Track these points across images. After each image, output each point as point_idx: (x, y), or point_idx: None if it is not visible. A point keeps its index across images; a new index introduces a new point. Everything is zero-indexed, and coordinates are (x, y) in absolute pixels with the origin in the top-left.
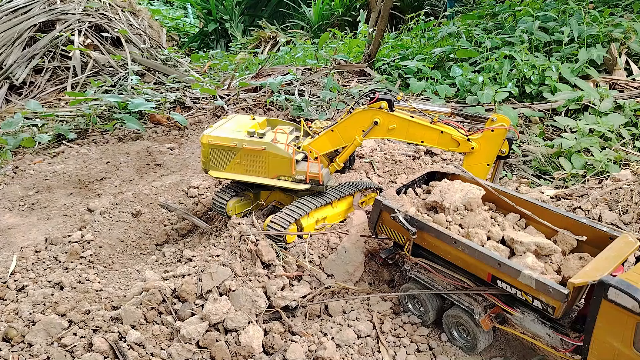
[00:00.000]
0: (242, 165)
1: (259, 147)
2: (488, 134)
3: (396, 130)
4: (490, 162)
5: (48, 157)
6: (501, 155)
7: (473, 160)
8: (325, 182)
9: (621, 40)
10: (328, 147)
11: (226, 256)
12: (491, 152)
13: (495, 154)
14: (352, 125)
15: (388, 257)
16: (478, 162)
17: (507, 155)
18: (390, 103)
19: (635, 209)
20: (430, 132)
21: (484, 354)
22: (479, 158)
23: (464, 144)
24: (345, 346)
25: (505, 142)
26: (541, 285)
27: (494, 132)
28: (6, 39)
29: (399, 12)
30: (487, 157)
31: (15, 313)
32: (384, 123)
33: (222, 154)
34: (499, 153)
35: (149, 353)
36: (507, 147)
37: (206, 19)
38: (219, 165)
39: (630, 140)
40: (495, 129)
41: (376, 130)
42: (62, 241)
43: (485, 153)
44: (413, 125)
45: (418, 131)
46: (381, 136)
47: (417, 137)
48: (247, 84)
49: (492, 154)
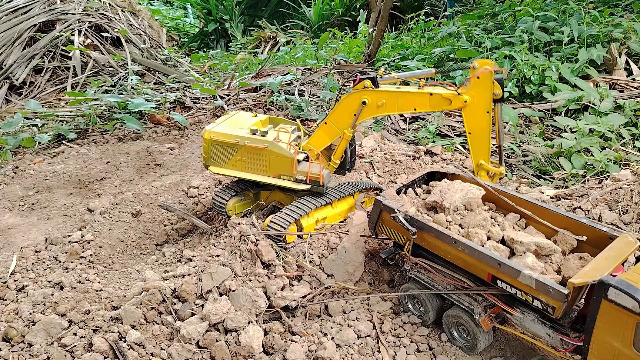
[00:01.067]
0: (243, 163)
1: (261, 145)
2: (475, 81)
3: (386, 104)
4: (488, 109)
5: (48, 157)
6: (497, 99)
7: (471, 112)
8: (325, 183)
9: (621, 40)
10: (326, 141)
11: (226, 256)
12: (485, 98)
13: (489, 99)
14: (343, 111)
15: (388, 257)
16: (477, 113)
17: (502, 97)
18: (373, 80)
19: (635, 209)
20: (420, 97)
21: (484, 354)
22: (476, 108)
23: (455, 100)
24: (345, 346)
25: (496, 83)
26: (541, 285)
27: (480, 79)
28: (6, 39)
29: (399, 12)
30: (484, 105)
31: (15, 313)
32: (373, 101)
33: (223, 150)
34: (493, 97)
35: (149, 353)
36: (500, 88)
37: (206, 19)
38: (220, 162)
39: (630, 140)
40: (480, 75)
41: (366, 110)
42: (62, 241)
43: (480, 101)
44: (401, 95)
45: (408, 100)
46: (373, 115)
47: (408, 105)
48: (247, 84)
49: (486, 100)
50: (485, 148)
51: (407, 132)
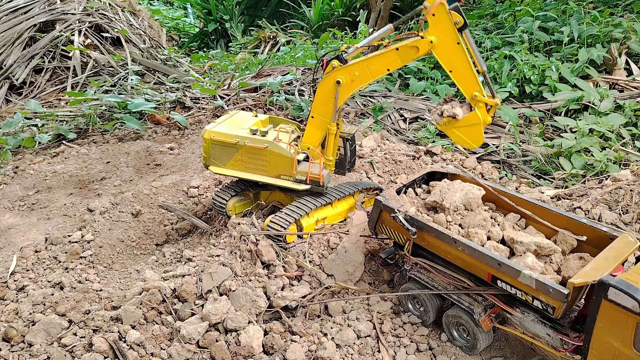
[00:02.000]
0: (243, 163)
1: (261, 146)
2: (432, 19)
3: (360, 76)
4: (457, 40)
5: (48, 157)
6: (460, 27)
7: (442, 50)
8: (325, 183)
9: (621, 40)
10: (318, 135)
11: (226, 256)
12: (448, 31)
13: (453, 30)
14: (322, 99)
15: (388, 257)
16: (447, 49)
17: (465, 23)
18: (339, 58)
19: (635, 209)
20: (388, 56)
21: (484, 354)
22: (444, 45)
23: (421, 44)
24: (345, 346)
25: (453, 12)
26: (541, 285)
27: (436, 15)
28: (6, 39)
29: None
30: (450, 38)
31: (15, 313)
32: (346, 77)
33: (223, 150)
34: (456, 26)
35: (149, 353)
36: (459, 16)
37: (206, 19)
38: (220, 162)
39: (630, 140)
40: (434, 10)
41: (343, 89)
42: (62, 241)
43: (446, 36)
44: (371, 61)
45: (378, 63)
46: (352, 90)
47: (380, 69)
48: (247, 84)
49: (450, 32)
50: (472, 79)
51: (407, 132)
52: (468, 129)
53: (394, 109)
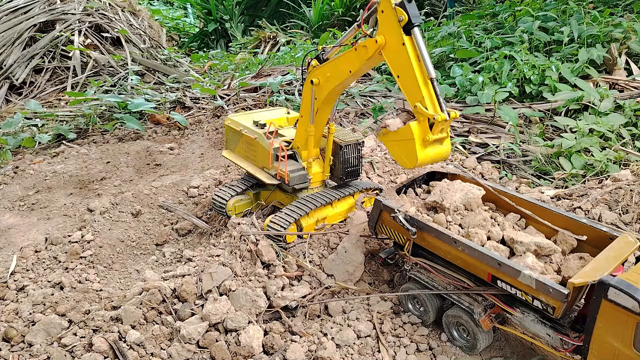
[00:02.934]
0: (243, 151)
1: (252, 136)
2: (381, 17)
3: (331, 76)
4: (401, 40)
5: (48, 157)
6: (405, 25)
7: (390, 52)
8: (291, 183)
9: (621, 40)
10: (305, 135)
11: (226, 256)
12: (393, 30)
13: (397, 29)
14: (305, 100)
15: (388, 257)
16: (394, 50)
17: (410, 21)
18: (318, 58)
19: (635, 209)
20: (349, 56)
21: (484, 354)
22: (392, 46)
23: (369, 44)
24: (345, 346)
25: (398, 8)
26: (541, 285)
27: (384, 12)
28: (6, 39)
29: None
30: (396, 38)
31: (15, 313)
32: (320, 77)
33: (233, 136)
34: (400, 24)
35: (149, 353)
36: (403, 12)
37: (206, 19)
38: (231, 148)
39: (630, 140)
40: (381, 7)
41: (318, 89)
42: (62, 241)
43: (392, 36)
44: (338, 62)
45: (342, 63)
46: (327, 90)
47: (344, 69)
48: (247, 84)
49: (395, 31)
50: (415, 87)
51: None
52: (402, 144)
53: (394, 109)
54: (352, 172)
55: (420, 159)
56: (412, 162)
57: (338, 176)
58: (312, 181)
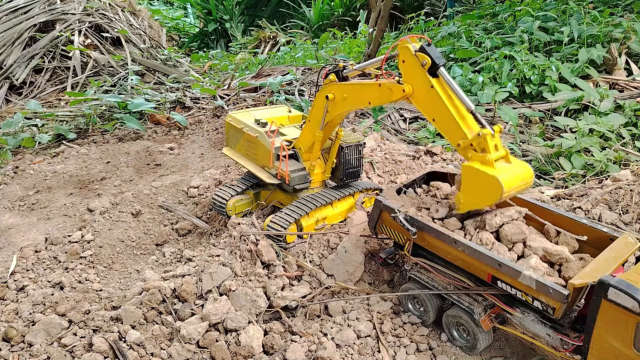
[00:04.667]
0: (244, 149)
1: (253, 134)
2: (402, 66)
3: (348, 98)
4: (429, 84)
5: (48, 157)
6: (429, 68)
7: (420, 98)
8: (292, 183)
9: (621, 40)
10: (309, 139)
11: (226, 256)
12: (419, 76)
13: (423, 75)
14: (316, 108)
15: (388, 257)
16: (424, 96)
17: (434, 63)
18: (337, 74)
19: (635, 209)
20: (371, 89)
21: (484, 354)
22: (421, 92)
23: (395, 88)
24: (345, 346)
25: (420, 54)
26: (541, 286)
27: (405, 61)
28: (6, 39)
29: (399, 12)
30: (423, 84)
31: (15, 313)
32: (337, 95)
33: (234, 134)
34: (424, 68)
35: (149, 353)
36: (426, 57)
37: (206, 19)
38: (232, 145)
39: (630, 140)
40: (401, 57)
41: (332, 105)
42: (62, 241)
43: (418, 83)
44: (359, 88)
45: (363, 92)
46: (341, 110)
47: (363, 99)
48: (247, 84)
49: (421, 77)
50: (453, 125)
51: (407, 132)
52: (476, 184)
53: (394, 109)
54: (353, 173)
55: (504, 182)
56: (497, 190)
57: (338, 177)
58: (313, 181)
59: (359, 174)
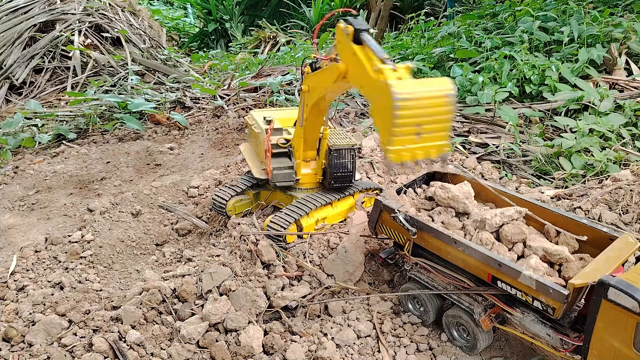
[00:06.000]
0: (254, 145)
1: (257, 131)
2: (337, 46)
3: (312, 87)
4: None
5: (48, 157)
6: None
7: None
8: (274, 180)
9: (621, 40)
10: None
11: (226, 256)
12: (345, 46)
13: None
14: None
15: (388, 257)
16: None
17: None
18: (311, 65)
19: (635, 209)
20: (325, 74)
21: (484, 354)
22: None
23: (333, 68)
24: (345, 346)
25: (344, 26)
26: (541, 286)
27: (340, 41)
28: (6, 39)
29: (399, 12)
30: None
31: (15, 313)
32: (310, 86)
33: (249, 131)
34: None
35: (149, 353)
36: (348, 26)
37: (206, 19)
38: (248, 141)
39: (630, 140)
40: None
41: (306, 96)
42: (62, 241)
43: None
44: (318, 76)
45: (320, 79)
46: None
47: (322, 85)
48: (247, 84)
49: (346, 46)
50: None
51: None
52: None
53: None
54: (343, 178)
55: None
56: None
57: (327, 180)
58: (303, 182)
59: (350, 180)
